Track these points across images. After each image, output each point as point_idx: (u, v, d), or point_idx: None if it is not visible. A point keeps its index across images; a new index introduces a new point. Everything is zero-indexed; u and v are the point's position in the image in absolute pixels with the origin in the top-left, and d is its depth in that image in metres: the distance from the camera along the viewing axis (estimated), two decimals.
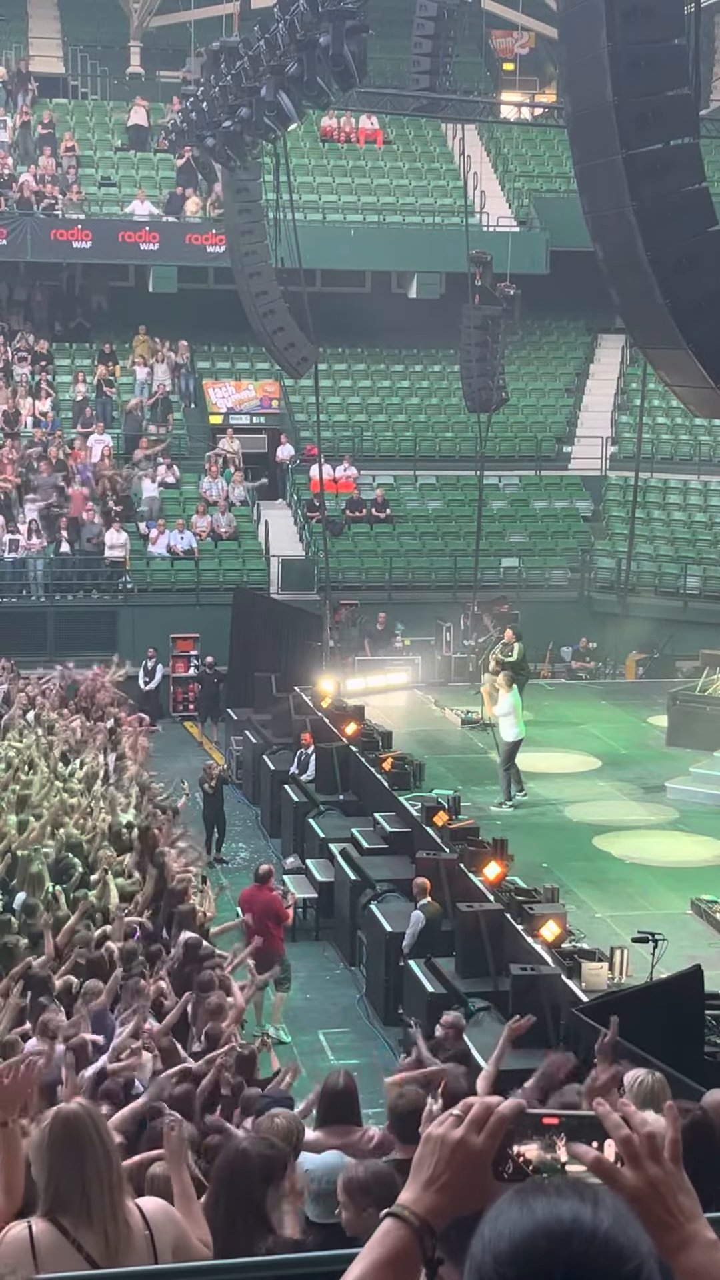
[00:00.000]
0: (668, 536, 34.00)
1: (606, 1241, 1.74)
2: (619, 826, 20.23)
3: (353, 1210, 5.37)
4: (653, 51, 15.62)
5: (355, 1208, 5.36)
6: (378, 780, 20.17)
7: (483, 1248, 1.77)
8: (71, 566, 30.57)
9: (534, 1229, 1.75)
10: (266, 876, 16.40)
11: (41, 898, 13.26)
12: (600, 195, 16.72)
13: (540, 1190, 1.80)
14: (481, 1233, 1.79)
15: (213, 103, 27.41)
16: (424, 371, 38.23)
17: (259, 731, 24.53)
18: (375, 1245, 2.07)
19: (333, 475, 33.14)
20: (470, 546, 31.46)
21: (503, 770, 20.94)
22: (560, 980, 13.19)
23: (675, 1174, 2.01)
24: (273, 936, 16.09)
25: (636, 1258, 1.74)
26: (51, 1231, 4.15)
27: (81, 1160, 4.20)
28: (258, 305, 30.69)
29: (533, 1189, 1.81)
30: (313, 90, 22.47)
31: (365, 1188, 5.32)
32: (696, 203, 16.22)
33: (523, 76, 43.48)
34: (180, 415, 35.21)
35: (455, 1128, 2.09)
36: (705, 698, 24.16)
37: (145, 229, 35.31)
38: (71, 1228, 4.15)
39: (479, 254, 31.08)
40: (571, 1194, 1.79)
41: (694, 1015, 11.76)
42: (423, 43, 27.40)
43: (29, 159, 36.56)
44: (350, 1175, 5.48)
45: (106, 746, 19.90)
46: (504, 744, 20.89)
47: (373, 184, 38.52)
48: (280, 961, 15.99)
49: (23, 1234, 4.18)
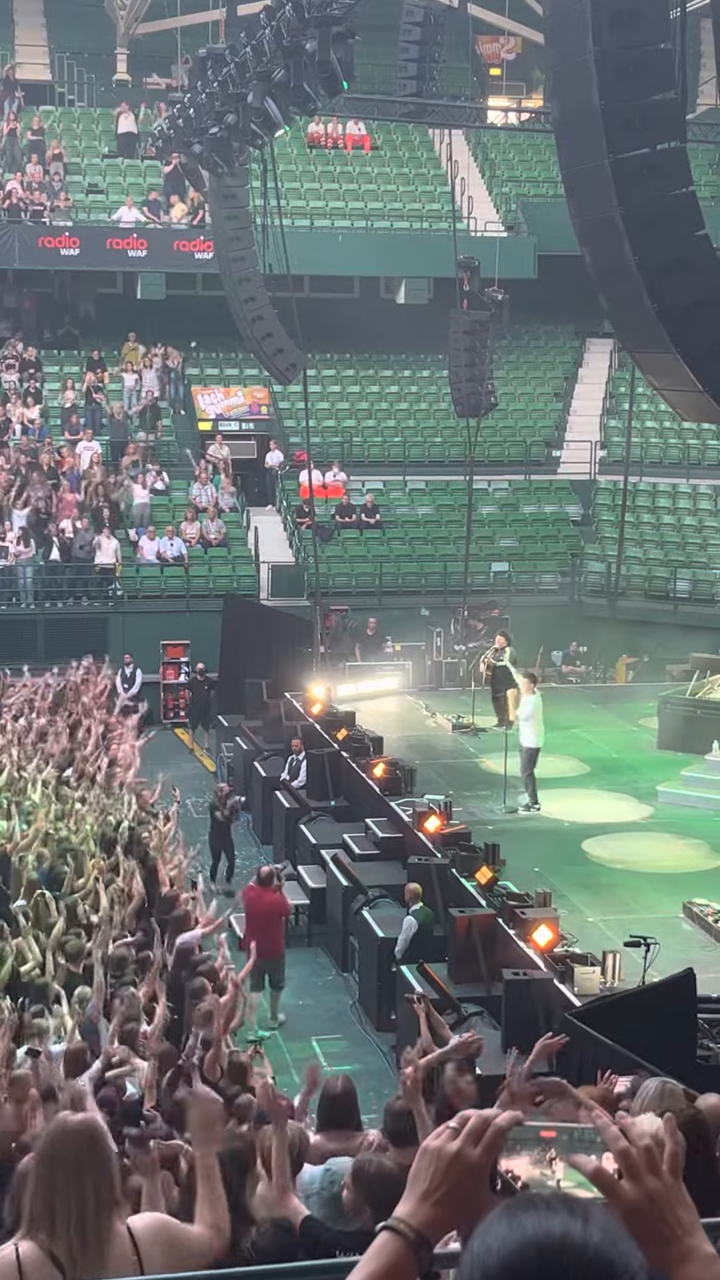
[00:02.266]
0: (657, 540, 34.03)
1: (596, 1256, 1.72)
2: (610, 830, 20.23)
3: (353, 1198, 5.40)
4: (639, 56, 15.63)
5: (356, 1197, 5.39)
6: (369, 786, 20.16)
7: (472, 1263, 1.75)
8: (61, 574, 30.55)
9: (523, 1244, 1.73)
10: (269, 878, 16.41)
11: (32, 904, 13.23)
12: (588, 200, 16.73)
13: (530, 1204, 1.78)
14: (471, 1247, 1.77)
15: (200, 109, 27.43)
16: (413, 377, 38.24)
17: (250, 738, 24.50)
18: (371, 1258, 2.06)
19: (322, 481, 33.12)
20: (460, 551, 31.48)
21: (524, 776, 20.95)
22: (553, 985, 13.19)
23: (674, 1187, 2.00)
24: (275, 940, 16.16)
25: (627, 1273, 1.72)
26: (36, 1253, 4.06)
27: (71, 1174, 4.08)
28: (246, 311, 30.68)
29: (523, 1203, 1.79)
30: (299, 96, 22.48)
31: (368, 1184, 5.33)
32: (684, 207, 16.23)
33: (510, 82, 43.53)
34: (169, 422, 35.20)
35: (452, 1140, 2.08)
36: (696, 701, 24.16)
37: (133, 236, 35.29)
38: (49, 1247, 4.05)
39: (467, 259, 31.09)
40: (561, 1208, 1.77)
41: (686, 1019, 11.75)
42: (409, 48, 27.42)
43: (16, 166, 36.54)
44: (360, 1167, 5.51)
45: (97, 752, 19.85)
46: (523, 749, 20.91)
47: (360, 189, 38.54)
48: (278, 964, 16.13)
49: (9, 1256, 4.10)
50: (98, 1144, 4.17)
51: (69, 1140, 4.14)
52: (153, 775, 20.68)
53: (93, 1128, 4.25)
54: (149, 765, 21.21)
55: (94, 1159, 4.11)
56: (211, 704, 28.21)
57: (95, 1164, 4.11)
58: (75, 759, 19.40)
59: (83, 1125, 4.23)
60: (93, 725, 21.40)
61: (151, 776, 20.24)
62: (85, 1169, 4.08)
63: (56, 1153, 4.12)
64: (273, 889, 16.32)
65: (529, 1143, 2.04)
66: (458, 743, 24.88)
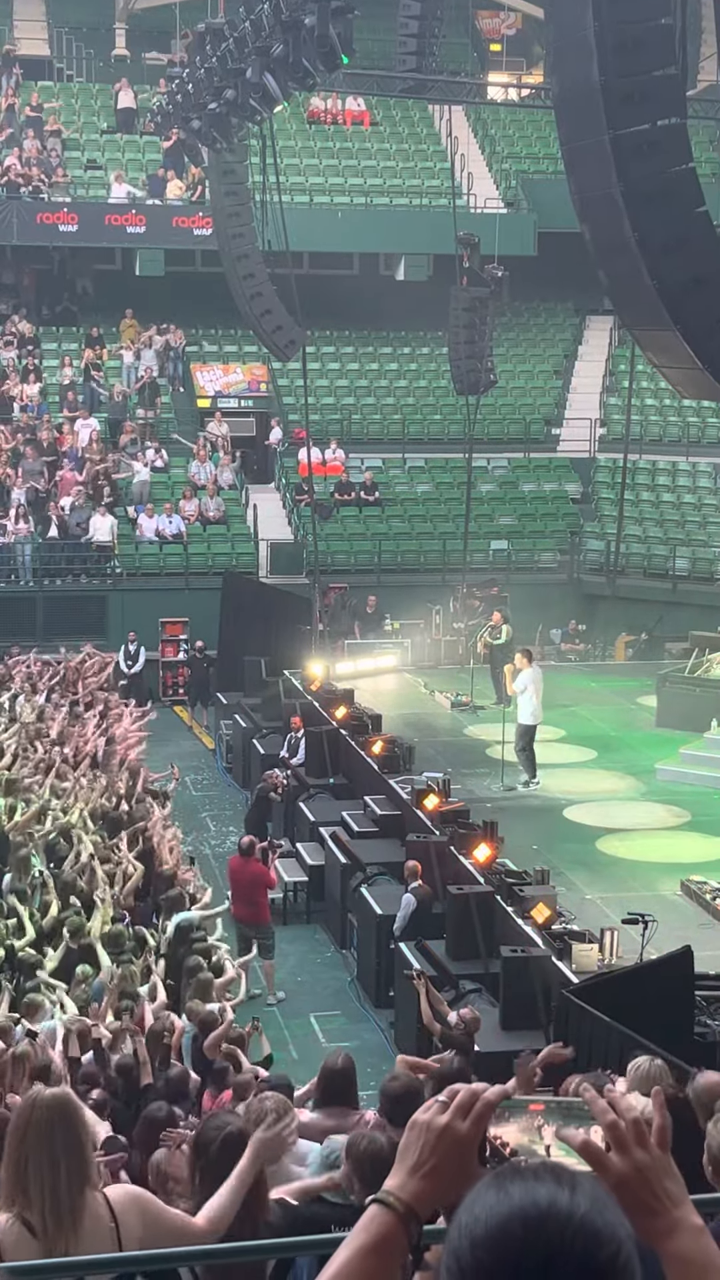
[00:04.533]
0: (656, 518, 34.00)
1: (583, 1225, 1.71)
2: (609, 808, 20.26)
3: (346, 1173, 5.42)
4: (639, 31, 15.58)
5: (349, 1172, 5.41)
6: (368, 763, 20.16)
7: (459, 1232, 1.75)
8: (60, 551, 30.51)
9: (510, 1213, 1.73)
10: (250, 848, 16.45)
11: (29, 882, 13.25)
12: (588, 176, 16.69)
13: (518, 1174, 1.78)
14: (458, 1217, 1.77)
15: (198, 85, 27.31)
16: (412, 354, 38.16)
17: (249, 715, 24.51)
18: (360, 1231, 2.06)
19: (321, 458, 33.08)
20: (459, 529, 31.44)
21: (518, 751, 20.96)
22: (550, 962, 13.21)
23: (662, 1160, 2.00)
24: (260, 907, 16.25)
25: (614, 1242, 1.72)
26: (12, 1223, 4.09)
27: (44, 1147, 4.12)
28: (245, 288, 30.61)
29: (510, 1173, 1.78)
30: (298, 71, 22.38)
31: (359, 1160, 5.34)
32: (684, 183, 16.20)
33: (510, 57, 43.30)
34: (168, 399, 35.13)
35: (441, 1114, 2.08)
36: (694, 679, 24.18)
37: (131, 212, 35.18)
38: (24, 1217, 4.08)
39: (466, 236, 30.98)
40: (549, 1178, 1.76)
41: (684, 996, 11.76)
42: (409, 24, 27.29)
43: (14, 142, 36.40)
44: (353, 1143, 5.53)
45: (96, 731, 19.88)
46: (519, 725, 20.91)
47: (360, 166, 38.41)
48: (266, 931, 16.22)
49: None
50: (70, 1117, 4.23)
51: (42, 1113, 4.20)
52: (152, 753, 20.70)
53: (65, 1101, 4.30)
54: (148, 744, 21.23)
55: (66, 1131, 4.17)
56: (210, 681, 28.21)
57: (68, 1136, 4.16)
58: (73, 737, 19.43)
59: (55, 1099, 4.29)
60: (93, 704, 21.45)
61: (150, 754, 20.24)
62: (58, 1141, 4.14)
63: (29, 1125, 4.18)
64: (254, 858, 16.38)
65: (518, 1112, 2.04)
66: (456, 720, 24.89)
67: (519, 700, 21.16)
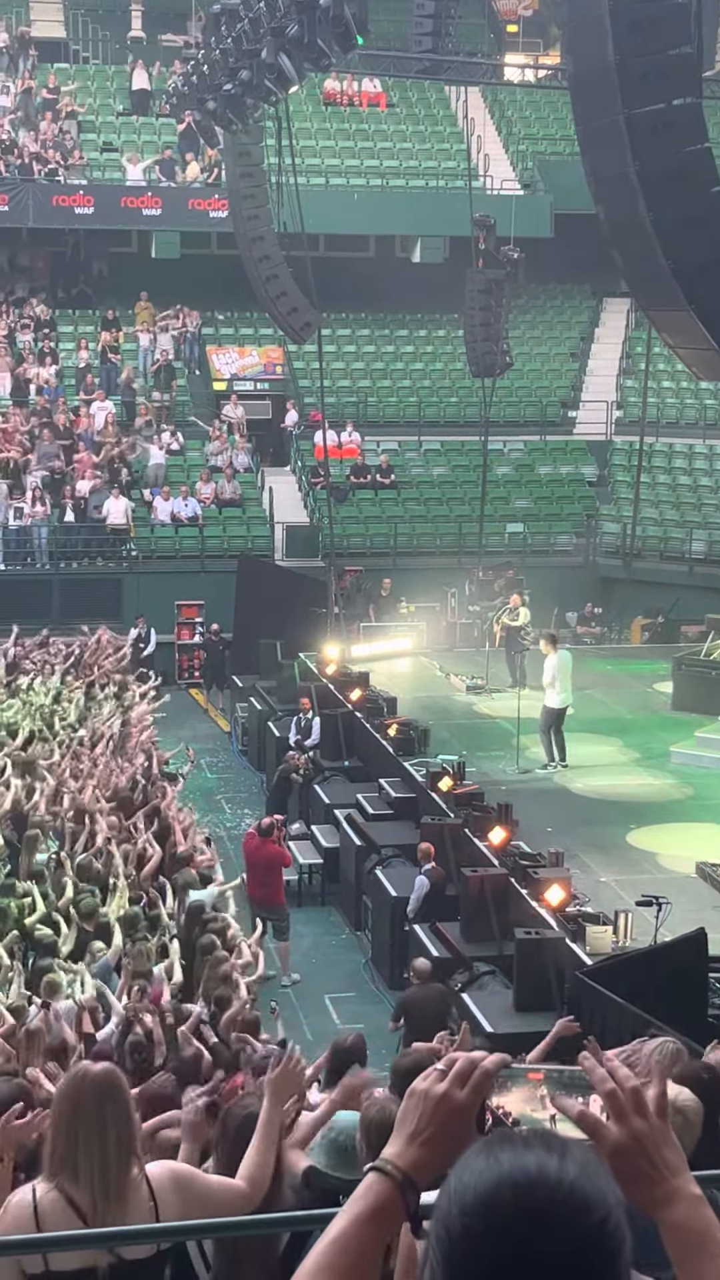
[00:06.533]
0: (673, 501, 33.91)
1: (572, 1192, 1.71)
2: (623, 791, 20.25)
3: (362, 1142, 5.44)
4: (655, 10, 15.52)
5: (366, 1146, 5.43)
6: (383, 746, 20.18)
7: (448, 1198, 1.75)
8: (76, 534, 30.53)
9: (499, 1179, 1.72)
10: (270, 830, 16.48)
11: (45, 861, 13.28)
12: (602, 156, 16.63)
13: (507, 1141, 1.78)
14: (448, 1184, 1.77)
15: (214, 66, 27.23)
16: (428, 336, 38.09)
17: (264, 698, 24.53)
18: (358, 1199, 2.06)
19: (337, 441, 33.04)
20: (475, 512, 31.40)
21: (541, 734, 20.94)
22: (564, 944, 13.21)
23: (660, 1128, 2.00)
24: (275, 889, 16.28)
25: (603, 1208, 1.71)
26: (57, 1198, 4.14)
27: (93, 1123, 4.17)
28: (260, 270, 30.56)
29: (500, 1140, 1.78)
30: (313, 52, 22.30)
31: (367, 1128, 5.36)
32: (699, 163, 16.13)
33: (526, 38, 43.09)
34: (184, 382, 35.11)
35: (439, 1082, 2.08)
36: (710, 662, 24.14)
37: (147, 194, 35.12)
38: (70, 1191, 4.14)
39: (483, 218, 30.88)
40: (539, 1145, 1.76)
41: (698, 978, 11.77)
42: (425, 4, 27.23)
43: (30, 124, 36.37)
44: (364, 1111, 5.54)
45: (112, 713, 19.90)
46: (544, 708, 20.90)
47: (376, 147, 38.30)
48: (281, 913, 16.30)
49: (25, 1200, 4.18)
50: (118, 1094, 4.26)
51: (91, 1090, 4.23)
52: (166, 735, 20.70)
53: (113, 1077, 4.33)
54: (162, 725, 21.27)
55: (116, 1109, 4.21)
56: (226, 664, 28.22)
57: (117, 1114, 4.21)
58: (89, 719, 19.45)
59: (103, 1075, 4.31)
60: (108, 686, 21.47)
61: (165, 737, 20.24)
62: (107, 1119, 4.19)
63: (79, 1102, 4.21)
64: (272, 840, 16.41)
65: (518, 1081, 2.05)
66: (471, 703, 24.88)
67: (546, 686, 21.12)
